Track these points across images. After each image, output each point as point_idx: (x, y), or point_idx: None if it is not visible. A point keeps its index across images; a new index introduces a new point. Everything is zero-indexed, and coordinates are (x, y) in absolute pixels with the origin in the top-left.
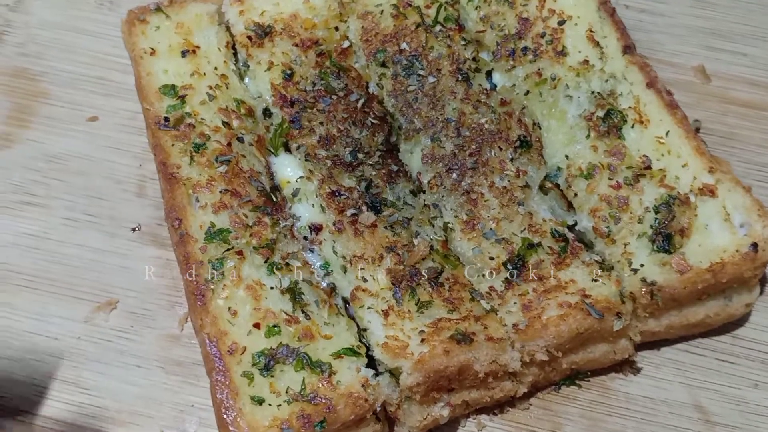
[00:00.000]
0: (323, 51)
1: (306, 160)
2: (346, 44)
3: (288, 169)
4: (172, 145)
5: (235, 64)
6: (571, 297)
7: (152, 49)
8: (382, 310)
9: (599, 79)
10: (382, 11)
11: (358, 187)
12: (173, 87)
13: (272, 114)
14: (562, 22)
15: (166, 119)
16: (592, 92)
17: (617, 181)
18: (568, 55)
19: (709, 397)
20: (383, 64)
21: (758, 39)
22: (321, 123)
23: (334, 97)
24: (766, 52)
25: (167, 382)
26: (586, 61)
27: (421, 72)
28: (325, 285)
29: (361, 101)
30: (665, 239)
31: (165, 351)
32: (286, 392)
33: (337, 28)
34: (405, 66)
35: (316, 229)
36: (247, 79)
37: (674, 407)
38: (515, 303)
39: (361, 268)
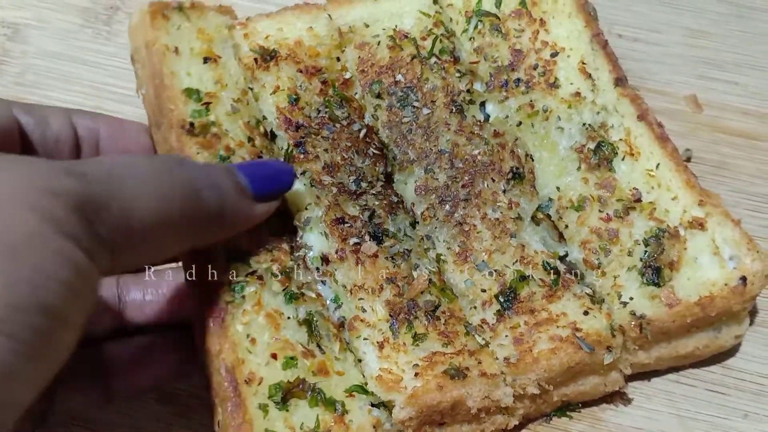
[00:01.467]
0: (326, 79)
1: (312, 186)
2: (348, 75)
3: (296, 194)
4: (198, 153)
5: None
6: (562, 330)
7: (177, 47)
8: (378, 342)
9: (591, 111)
10: (378, 42)
11: (361, 216)
12: (198, 92)
13: (276, 137)
14: (554, 54)
15: (192, 125)
16: (584, 124)
17: (607, 214)
18: (560, 86)
19: (699, 428)
20: (378, 96)
21: (751, 68)
22: (326, 150)
23: (338, 125)
24: (759, 81)
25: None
26: (578, 93)
27: (416, 103)
28: (335, 319)
29: (363, 132)
30: (655, 272)
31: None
32: (301, 428)
33: (338, 59)
34: (400, 97)
35: (326, 260)
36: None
37: None
38: (507, 336)
39: (360, 298)
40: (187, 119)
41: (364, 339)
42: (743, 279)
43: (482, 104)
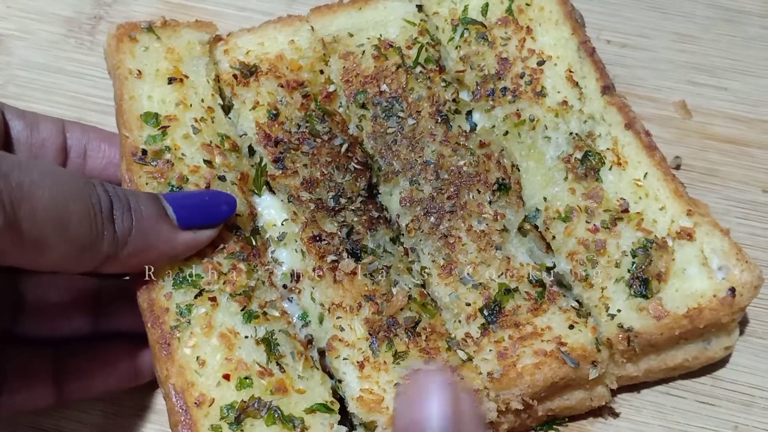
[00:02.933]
0: (308, 93)
1: (289, 201)
2: (331, 88)
3: (272, 210)
4: (146, 183)
5: (222, 99)
6: (547, 345)
7: (139, 71)
8: (358, 362)
9: (578, 120)
10: (363, 52)
11: (339, 233)
12: (156, 116)
13: (255, 152)
14: (541, 62)
15: (144, 152)
16: (571, 133)
17: (594, 225)
18: (547, 95)
19: None
20: (363, 106)
21: (740, 73)
22: (305, 165)
23: (318, 140)
24: (748, 87)
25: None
26: (564, 102)
27: (401, 114)
28: (302, 336)
29: (345, 146)
30: (642, 284)
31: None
32: None
33: (322, 72)
34: (385, 108)
35: (297, 276)
36: (231, 116)
37: None
38: (491, 350)
39: (338, 317)
40: (140, 146)
41: (344, 359)
42: (732, 290)
43: (469, 113)
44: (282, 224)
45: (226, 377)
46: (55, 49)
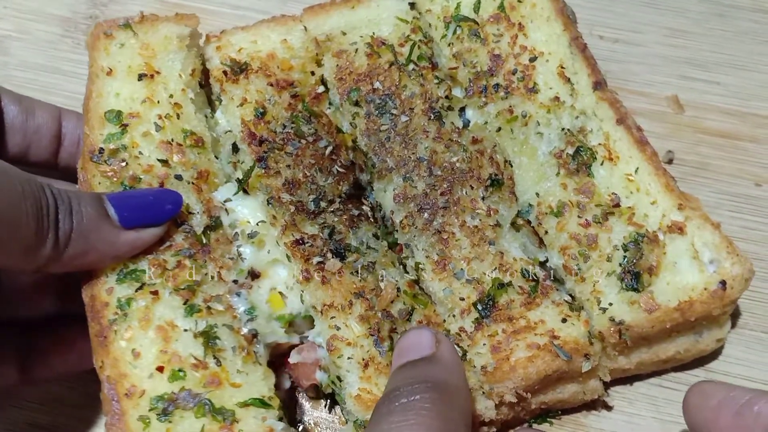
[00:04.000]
0: (297, 93)
1: (268, 204)
2: (320, 89)
3: (246, 210)
4: (99, 183)
5: (195, 94)
6: (540, 338)
7: (110, 68)
8: (363, 360)
9: (570, 116)
10: (356, 50)
11: (321, 234)
12: (119, 113)
13: (239, 150)
14: (533, 59)
15: (101, 151)
16: (563, 129)
17: (586, 219)
18: (539, 91)
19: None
20: (357, 104)
21: (732, 67)
22: (288, 166)
23: (303, 141)
24: (740, 81)
25: None
26: (556, 98)
27: (394, 111)
28: (246, 331)
29: (329, 149)
30: (634, 278)
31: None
32: None
33: (313, 73)
34: (378, 105)
35: (255, 275)
36: (218, 113)
37: None
38: (485, 344)
39: (332, 317)
40: (98, 144)
41: (348, 358)
42: (723, 283)
43: (461, 110)
44: (257, 224)
45: (160, 369)
46: (52, 49)
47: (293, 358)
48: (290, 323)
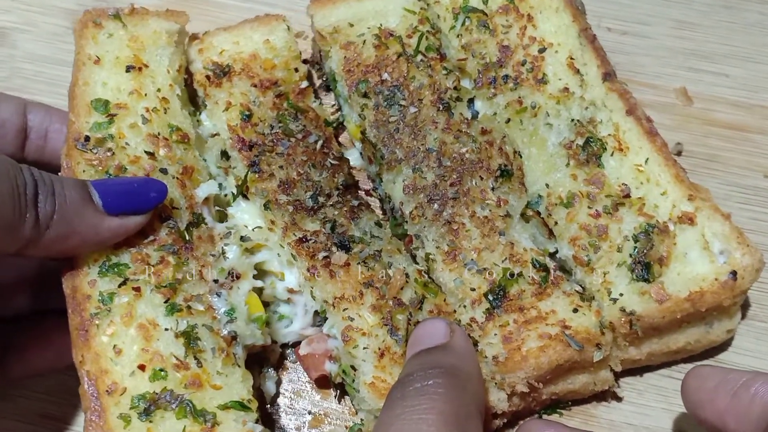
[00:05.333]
0: (281, 92)
1: (266, 208)
2: (304, 84)
3: (246, 216)
4: (83, 171)
5: (181, 90)
6: (551, 328)
7: (98, 57)
8: (379, 349)
9: (579, 107)
10: (364, 41)
11: (323, 229)
12: (106, 103)
13: (230, 157)
14: (542, 50)
15: (87, 139)
16: (572, 120)
17: (596, 210)
18: (549, 82)
19: (691, 423)
20: (365, 95)
21: (741, 59)
22: (281, 167)
23: (293, 139)
24: (749, 73)
25: None
26: (566, 89)
27: (403, 102)
28: (226, 333)
29: (320, 143)
30: (644, 268)
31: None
32: None
33: (296, 69)
34: (386, 96)
35: (236, 276)
36: (203, 116)
37: None
38: (496, 334)
39: (344, 309)
40: (84, 132)
41: (364, 348)
42: (734, 273)
43: (470, 101)
44: (253, 230)
45: (141, 368)
46: (59, 41)
47: (303, 350)
48: (267, 324)
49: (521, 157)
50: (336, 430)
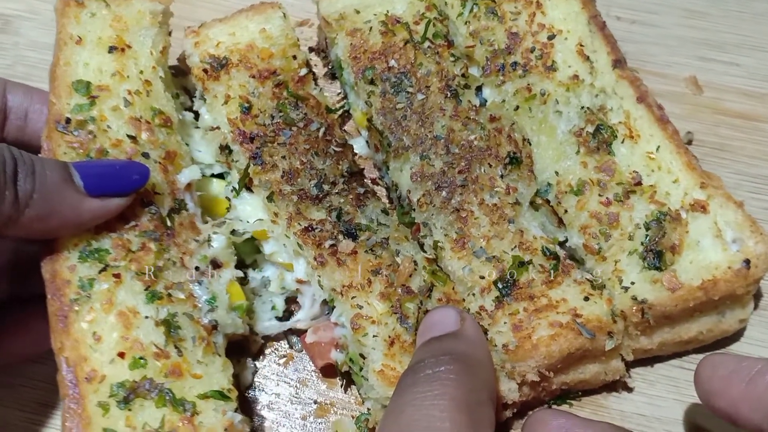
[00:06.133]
0: (281, 81)
1: (269, 200)
2: (303, 72)
3: (248, 208)
4: (64, 153)
5: (164, 72)
6: (562, 316)
7: (80, 37)
8: (389, 337)
9: (589, 94)
10: (370, 28)
11: (329, 218)
12: (88, 84)
13: (232, 151)
14: (551, 37)
15: (68, 121)
16: (582, 107)
17: (607, 198)
18: (558, 69)
19: (703, 413)
20: (372, 82)
21: (751, 48)
22: (283, 157)
23: (294, 128)
24: (759, 62)
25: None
26: (575, 76)
27: (410, 89)
28: (206, 321)
29: (322, 130)
30: (656, 256)
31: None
32: (143, 428)
33: (294, 57)
34: (394, 83)
35: (217, 264)
36: (203, 110)
37: (669, 424)
38: (505, 323)
39: (353, 297)
40: (65, 114)
41: (374, 336)
42: (747, 262)
43: (478, 89)
44: (255, 222)
45: (121, 355)
46: None
47: (309, 338)
48: (248, 313)
49: (530, 144)
50: (342, 420)
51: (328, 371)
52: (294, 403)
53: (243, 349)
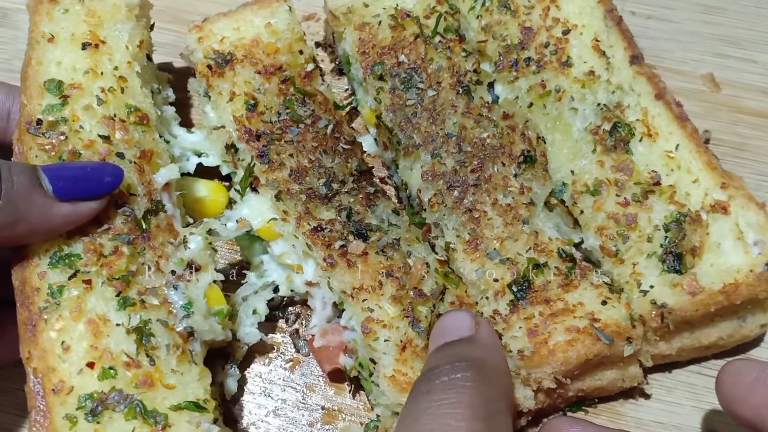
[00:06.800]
0: (287, 77)
1: (277, 199)
2: (310, 67)
3: (255, 211)
4: (36, 156)
5: (142, 67)
6: (580, 321)
7: (52, 35)
8: (401, 342)
9: (605, 91)
10: (379, 22)
11: (339, 218)
12: (60, 83)
13: (238, 150)
14: (566, 32)
15: (39, 122)
16: (598, 104)
17: (625, 198)
18: (573, 65)
19: (723, 421)
20: (381, 78)
21: None
22: (291, 155)
23: (302, 125)
24: None
25: None
26: (591, 72)
27: (421, 85)
28: (181, 328)
29: (330, 127)
30: (676, 259)
31: None
32: None
33: (301, 52)
34: (403, 79)
35: (195, 268)
36: (208, 108)
37: None
38: (520, 327)
39: (364, 300)
40: (36, 115)
41: (385, 341)
42: None
43: (490, 85)
44: (267, 222)
45: (90, 365)
46: None
47: (317, 342)
48: (229, 318)
49: (545, 142)
50: (350, 427)
51: (336, 376)
52: (301, 409)
53: (228, 356)
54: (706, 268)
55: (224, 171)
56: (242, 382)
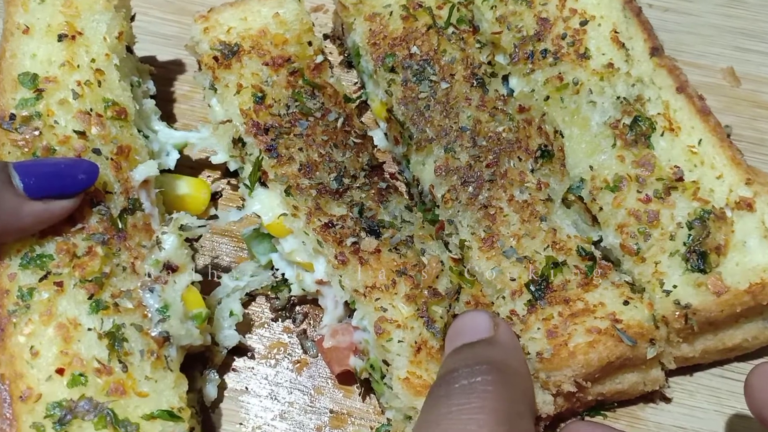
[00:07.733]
0: (296, 69)
1: (287, 194)
2: (319, 59)
3: (264, 206)
4: (8, 153)
5: (121, 60)
6: (601, 322)
7: (27, 26)
8: (415, 343)
9: (625, 84)
10: (390, 13)
11: (350, 214)
12: (34, 77)
13: (245, 144)
14: (584, 23)
15: (12, 117)
16: (618, 98)
17: (646, 194)
18: (591, 57)
19: (747, 426)
20: (392, 70)
21: None
22: (300, 149)
23: (311, 119)
24: None
25: None
26: (610, 64)
27: (433, 77)
28: (156, 333)
29: (341, 120)
30: (700, 258)
31: None
32: None
33: (310, 43)
34: (416, 71)
35: (172, 269)
36: (214, 101)
37: None
38: (539, 328)
39: (377, 299)
40: (9, 110)
41: (399, 342)
42: None
43: (505, 78)
44: (278, 218)
45: (60, 372)
46: None
47: (326, 343)
48: (208, 322)
49: (562, 136)
50: (360, 431)
51: (345, 378)
52: (308, 413)
53: (207, 361)
54: (731, 267)
55: (232, 167)
56: (247, 384)
